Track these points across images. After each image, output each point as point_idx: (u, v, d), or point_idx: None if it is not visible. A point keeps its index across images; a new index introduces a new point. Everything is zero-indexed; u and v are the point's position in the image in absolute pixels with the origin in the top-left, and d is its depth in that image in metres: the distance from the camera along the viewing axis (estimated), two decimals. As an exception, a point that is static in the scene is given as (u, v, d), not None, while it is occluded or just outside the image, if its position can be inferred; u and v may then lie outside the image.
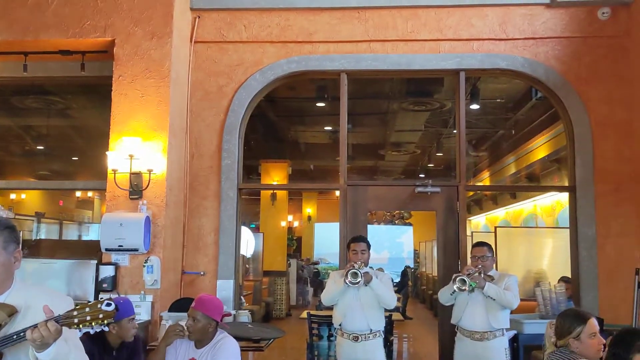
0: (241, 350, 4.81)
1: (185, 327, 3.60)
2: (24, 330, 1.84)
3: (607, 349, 2.71)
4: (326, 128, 11.20)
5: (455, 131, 6.35)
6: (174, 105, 5.49)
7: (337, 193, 6.18)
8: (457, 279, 4.58)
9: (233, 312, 5.48)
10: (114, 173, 5.26)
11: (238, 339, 4.50)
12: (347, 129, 6.15)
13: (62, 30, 5.52)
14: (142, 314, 5.03)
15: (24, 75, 5.90)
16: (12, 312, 1.96)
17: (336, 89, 6.22)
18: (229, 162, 5.94)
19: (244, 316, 5.45)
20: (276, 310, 12.70)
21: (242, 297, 7.00)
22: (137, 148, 5.21)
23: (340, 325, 4.62)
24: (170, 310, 5.01)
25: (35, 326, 1.82)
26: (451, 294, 4.68)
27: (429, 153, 13.28)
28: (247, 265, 11.44)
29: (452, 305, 4.82)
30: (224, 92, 6.03)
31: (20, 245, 2.12)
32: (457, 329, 4.80)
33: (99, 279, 5.16)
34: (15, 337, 1.86)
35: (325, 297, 4.70)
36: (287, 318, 12.72)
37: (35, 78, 6.20)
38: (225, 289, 5.74)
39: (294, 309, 13.41)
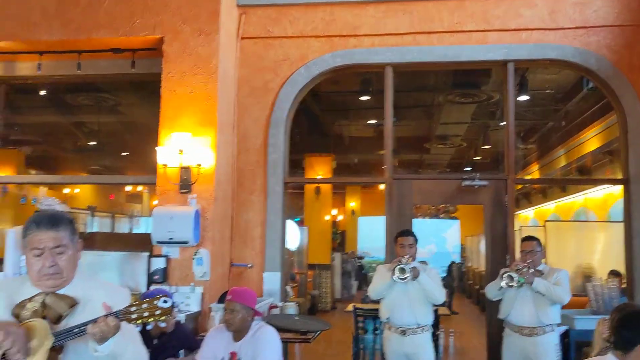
0: (288, 342, 4.90)
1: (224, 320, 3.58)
2: (85, 324, 1.92)
3: (612, 328, 2.55)
4: (370, 121, 11.18)
5: (503, 123, 6.24)
6: (221, 101, 5.58)
7: (382, 187, 6.16)
8: (505, 275, 4.51)
9: (280, 304, 5.55)
10: (164, 168, 5.39)
11: (285, 330, 4.58)
12: (392, 122, 6.12)
13: (113, 29, 5.68)
14: (192, 305, 5.14)
15: (77, 74, 6.09)
16: (72, 303, 2.04)
17: (381, 82, 6.20)
18: (275, 157, 6.00)
19: (291, 308, 5.51)
20: (321, 303, 12.77)
21: (289, 289, 7.07)
22: (186, 143, 5.32)
23: (387, 319, 4.62)
24: (219, 301, 5.11)
25: (95, 320, 1.89)
26: (499, 290, 4.62)
27: (476, 146, 13.09)
28: (292, 258, 11.54)
29: (499, 300, 4.76)
30: (269, 87, 6.09)
31: None
32: (505, 324, 4.73)
33: (151, 271, 5.30)
34: (76, 330, 1.93)
35: (373, 291, 4.71)
36: (332, 311, 12.78)
37: (88, 76, 6.39)
38: (271, 281, 5.82)
39: (338, 302, 13.47)
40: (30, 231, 2.06)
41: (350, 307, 6.87)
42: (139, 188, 15.38)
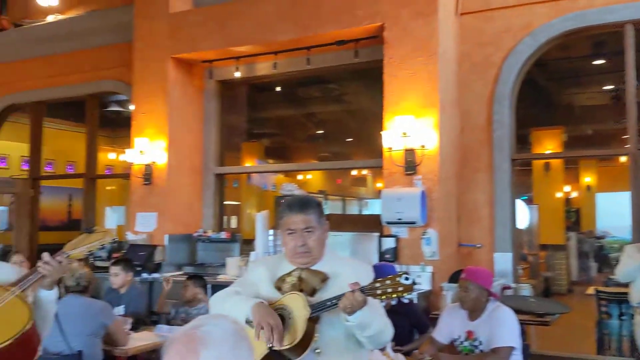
0: (524, 324, 4.73)
1: (458, 297, 3.59)
2: (336, 298, 2.11)
3: None
4: (606, 87, 10.12)
5: None
6: (442, 81, 5.56)
7: (623, 159, 5.58)
8: None
9: (513, 285, 5.38)
10: (389, 151, 5.57)
11: (519, 312, 4.43)
12: (634, 85, 5.50)
13: (337, 22, 6.00)
14: (423, 284, 5.26)
15: (307, 68, 6.58)
16: (324, 278, 2.26)
17: (617, 43, 5.60)
18: (500, 133, 5.81)
19: (525, 290, 5.32)
20: (556, 286, 12.02)
21: (520, 270, 6.81)
22: (409, 126, 5.43)
23: (639, 304, 4.21)
24: (450, 281, 5.15)
25: (344, 295, 2.07)
26: None
27: None
28: (522, 238, 11.04)
29: None
30: (491, 61, 5.89)
31: None
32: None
33: (382, 250, 5.54)
34: (329, 303, 2.14)
35: (621, 273, 4.33)
36: (568, 294, 11.96)
37: (316, 69, 6.86)
38: (502, 261, 5.67)
39: (575, 285, 12.54)
40: (284, 214, 2.32)
41: (591, 290, 6.38)
42: (364, 172, 16.02)
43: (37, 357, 2.30)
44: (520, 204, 10.63)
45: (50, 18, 8.56)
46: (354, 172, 16.28)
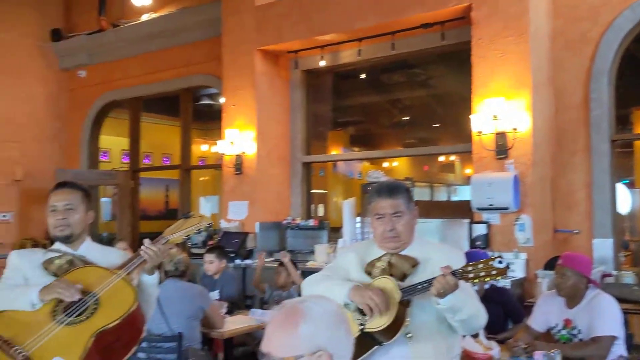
0: (627, 313, 4.49)
1: (555, 284, 3.47)
2: (427, 282, 2.10)
3: None
4: None
5: None
6: (534, 60, 5.34)
7: None
8: None
9: (614, 272, 5.11)
10: (479, 135, 5.43)
11: (622, 300, 4.20)
12: None
13: (423, 5, 5.90)
14: (517, 271, 5.10)
15: (391, 54, 6.53)
16: (414, 263, 2.25)
17: None
18: (598, 113, 5.50)
19: (628, 277, 5.03)
20: (664, 275, 11.28)
21: (622, 256, 6.45)
22: (500, 108, 5.26)
23: None
24: (545, 268, 4.97)
25: (435, 278, 2.05)
26: None
27: None
28: (623, 224, 10.43)
29: None
30: (587, 37, 5.58)
31: None
32: None
33: (472, 237, 5.42)
34: (420, 287, 2.14)
35: None
36: (676, 284, 11.19)
37: (401, 54, 6.78)
38: (602, 248, 5.39)
39: (685, 274, 11.71)
40: (372, 199, 2.33)
41: None
42: (451, 158, 15.71)
43: (142, 337, 2.45)
44: (621, 188, 10.05)
45: (145, 17, 8.98)
46: (441, 158, 15.98)
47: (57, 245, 2.54)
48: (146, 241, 2.45)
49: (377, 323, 2.12)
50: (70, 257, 2.48)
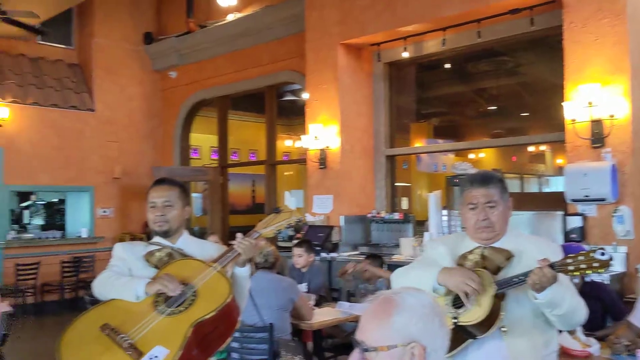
0: None
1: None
2: (523, 275, 2.04)
3: None
4: None
5: None
6: (633, 43, 5.03)
7: None
8: None
9: None
10: (573, 123, 5.19)
11: None
12: None
13: (510, -10, 5.71)
14: (616, 265, 4.84)
15: (477, 42, 6.36)
16: (508, 256, 2.19)
17: None
18: None
19: None
20: None
21: None
22: (595, 94, 5.00)
23: None
24: (648, 262, 4.69)
25: (532, 271, 1.99)
26: None
27: None
28: None
29: None
30: (694, 15, 5.19)
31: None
32: None
33: (567, 230, 5.20)
34: (516, 280, 2.08)
35: None
36: None
37: (487, 42, 6.59)
38: None
39: None
40: (465, 188, 2.29)
41: None
42: (542, 147, 15.12)
43: (237, 328, 2.54)
44: None
45: (230, 17, 9.24)
46: (531, 148, 15.40)
47: (157, 239, 2.67)
48: (239, 235, 2.53)
49: (471, 316, 2.08)
50: (169, 250, 2.60)
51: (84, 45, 10.17)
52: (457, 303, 2.13)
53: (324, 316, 4.50)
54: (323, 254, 6.68)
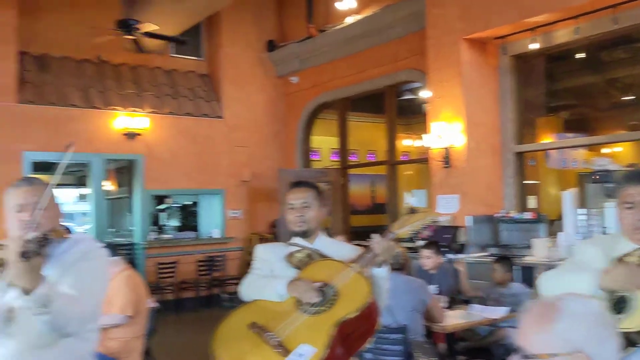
0: None
1: None
2: None
3: None
4: None
5: None
6: None
7: None
8: None
9: None
10: None
11: None
12: None
13: (652, -30, 5.27)
14: None
15: (613, 29, 5.94)
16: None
17: None
18: None
19: None
20: None
21: None
22: None
23: None
24: None
25: None
26: None
27: None
28: None
29: None
30: None
31: None
32: None
33: None
34: None
35: None
36: None
37: (624, 29, 6.14)
38: None
39: None
40: (621, 187, 2.14)
41: None
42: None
43: (378, 328, 2.56)
44: None
45: (349, 20, 9.34)
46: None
47: (295, 239, 2.76)
48: (375, 236, 2.54)
49: (635, 322, 1.94)
50: (308, 251, 2.67)
51: (213, 56, 10.75)
52: (619, 307, 1.99)
53: (455, 319, 4.41)
54: (450, 255, 6.55)
